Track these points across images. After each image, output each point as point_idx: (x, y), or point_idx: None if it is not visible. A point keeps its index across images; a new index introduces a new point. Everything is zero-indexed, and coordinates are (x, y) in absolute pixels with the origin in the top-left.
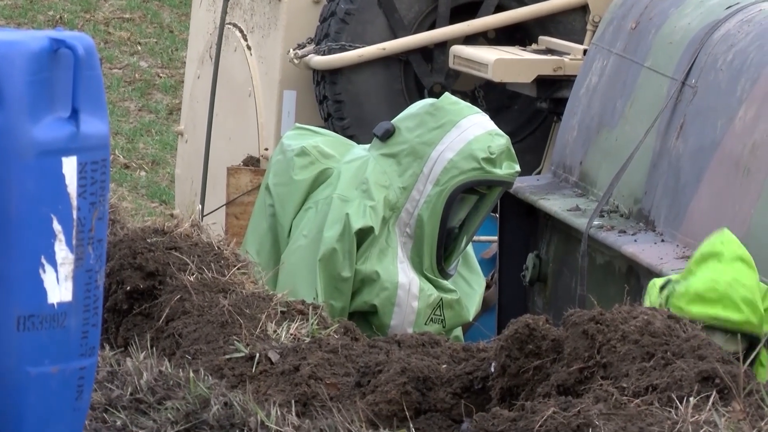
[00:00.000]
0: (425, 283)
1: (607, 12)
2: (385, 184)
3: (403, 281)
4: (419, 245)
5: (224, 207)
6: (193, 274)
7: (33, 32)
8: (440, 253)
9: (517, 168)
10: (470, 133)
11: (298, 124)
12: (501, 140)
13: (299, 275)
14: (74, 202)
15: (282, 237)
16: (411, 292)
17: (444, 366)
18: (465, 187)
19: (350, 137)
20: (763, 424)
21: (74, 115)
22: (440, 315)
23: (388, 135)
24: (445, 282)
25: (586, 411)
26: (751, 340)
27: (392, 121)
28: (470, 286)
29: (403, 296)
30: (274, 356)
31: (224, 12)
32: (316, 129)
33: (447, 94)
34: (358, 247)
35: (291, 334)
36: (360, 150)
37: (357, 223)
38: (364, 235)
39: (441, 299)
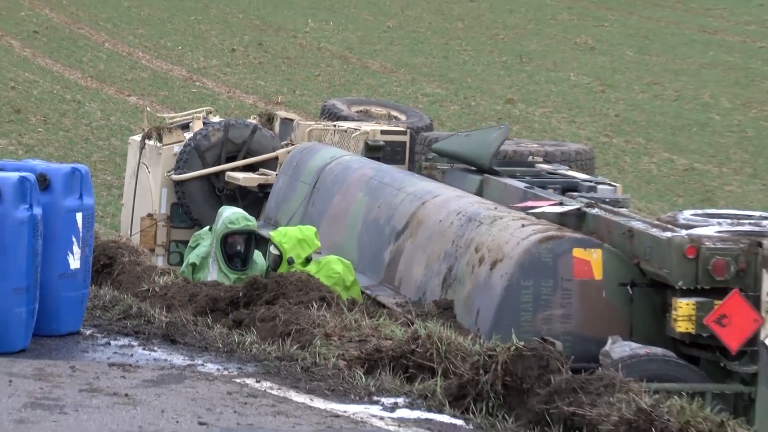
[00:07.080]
0: (222, 277)
1: (285, 159)
2: (205, 245)
3: (213, 277)
4: (220, 265)
5: (139, 232)
6: (125, 258)
7: (64, 165)
8: (228, 266)
9: (249, 223)
10: (225, 215)
11: (242, 214)
12: (238, 212)
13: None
14: (80, 229)
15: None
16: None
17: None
18: (224, 235)
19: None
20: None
21: (80, 196)
22: None
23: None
24: (233, 274)
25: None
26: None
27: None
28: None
29: None
30: None
31: (140, 157)
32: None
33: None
34: (196, 266)
35: None
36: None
37: (192, 259)
38: (197, 262)
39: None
